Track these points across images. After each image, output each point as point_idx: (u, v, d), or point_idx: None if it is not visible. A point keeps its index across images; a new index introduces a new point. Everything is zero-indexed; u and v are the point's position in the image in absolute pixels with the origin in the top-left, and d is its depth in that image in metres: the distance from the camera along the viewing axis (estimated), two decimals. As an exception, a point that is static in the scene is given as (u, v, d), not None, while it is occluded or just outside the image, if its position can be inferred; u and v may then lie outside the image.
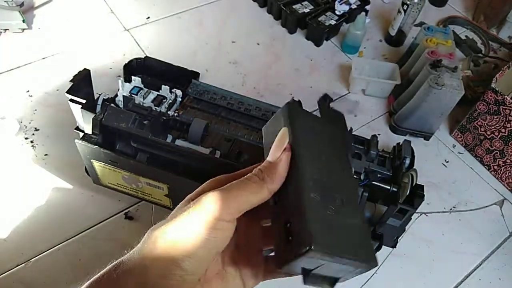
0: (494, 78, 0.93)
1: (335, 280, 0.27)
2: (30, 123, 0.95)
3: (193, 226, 0.24)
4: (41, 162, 0.88)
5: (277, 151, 0.27)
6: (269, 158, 0.27)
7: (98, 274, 0.25)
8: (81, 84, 0.70)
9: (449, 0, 1.42)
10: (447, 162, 1.02)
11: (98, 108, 0.71)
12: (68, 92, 0.67)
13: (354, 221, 0.27)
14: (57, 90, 1.01)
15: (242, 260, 0.29)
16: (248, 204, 0.26)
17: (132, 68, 0.84)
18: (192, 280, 0.25)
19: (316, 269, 0.25)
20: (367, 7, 1.28)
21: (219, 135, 0.74)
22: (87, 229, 0.80)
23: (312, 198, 0.26)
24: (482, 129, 0.98)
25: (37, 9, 1.20)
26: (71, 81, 0.68)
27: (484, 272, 0.85)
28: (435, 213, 0.92)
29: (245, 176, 0.27)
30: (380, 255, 0.75)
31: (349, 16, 1.24)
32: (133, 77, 0.79)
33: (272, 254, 0.30)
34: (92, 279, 0.25)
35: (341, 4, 1.24)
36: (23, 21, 1.10)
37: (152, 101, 0.76)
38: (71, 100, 0.68)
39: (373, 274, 0.81)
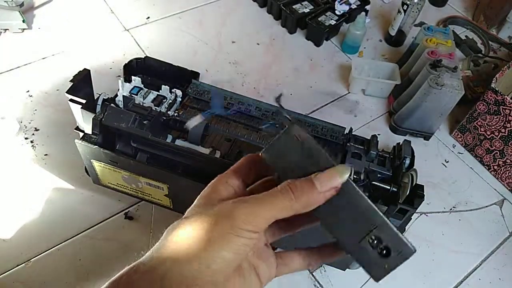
0: (494, 78, 0.93)
1: None
2: (30, 123, 0.95)
3: (222, 230, 0.24)
4: (41, 162, 0.88)
5: (331, 183, 0.27)
6: (316, 180, 0.26)
7: (115, 276, 0.24)
8: (81, 84, 0.70)
9: (449, 0, 1.42)
10: (447, 162, 1.02)
11: (98, 108, 0.71)
12: (68, 92, 0.67)
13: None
14: (57, 90, 1.02)
15: (254, 255, 0.29)
16: (274, 219, 0.26)
17: (132, 68, 0.84)
18: (218, 280, 0.25)
19: None
20: (367, 7, 1.28)
21: (219, 135, 0.74)
22: (87, 229, 0.80)
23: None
24: (482, 129, 0.98)
25: (37, 9, 1.20)
26: (71, 81, 0.68)
27: (484, 272, 0.85)
28: (435, 213, 0.92)
29: (279, 189, 0.26)
30: (380, 255, 0.75)
31: (349, 16, 1.24)
32: (133, 77, 0.79)
33: (280, 250, 0.32)
34: (109, 281, 0.24)
35: (341, 4, 1.24)
36: (23, 21, 1.10)
37: (152, 101, 0.76)
38: (71, 100, 0.68)
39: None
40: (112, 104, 0.71)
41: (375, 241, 0.28)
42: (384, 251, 0.28)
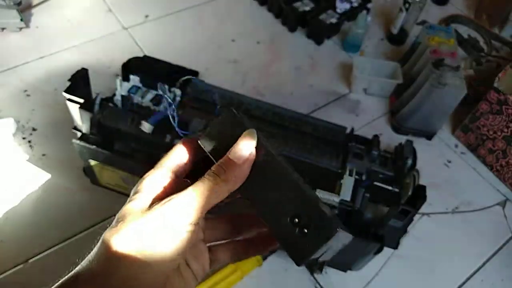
0: (497, 77, 0.92)
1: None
2: (27, 123, 0.94)
3: (161, 232, 0.25)
4: (39, 162, 0.88)
5: (243, 152, 0.27)
6: (232, 156, 0.27)
7: None
8: (79, 83, 0.69)
9: (451, -1, 1.41)
10: (450, 162, 1.01)
11: (96, 107, 0.70)
12: (66, 91, 0.66)
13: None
14: (55, 89, 1.01)
15: (188, 252, 0.29)
16: (210, 206, 0.26)
17: (130, 67, 0.83)
18: (160, 281, 0.25)
19: (322, 256, 0.27)
20: (369, 5, 1.27)
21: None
22: (85, 230, 0.80)
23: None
24: (485, 129, 0.97)
25: (35, 8, 1.19)
26: (69, 80, 0.68)
27: (486, 273, 0.84)
28: (437, 214, 0.91)
29: (207, 177, 0.27)
30: (382, 256, 0.74)
31: (351, 15, 1.23)
32: (131, 76, 0.78)
33: (217, 243, 0.31)
34: None
35: (342, 2, 1.23)
36: (21, 20, 1.09)
37: (151, 101, 0.75)
38: (69, 100, 0.67)
39: (374, 276, 0.80)
40: (110, 104, 0.70)
41: (296, 219, 0.26)
42: (304, 229, 0.25)
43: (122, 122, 0.65)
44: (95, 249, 0.26)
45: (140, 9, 1.23)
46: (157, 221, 0.25)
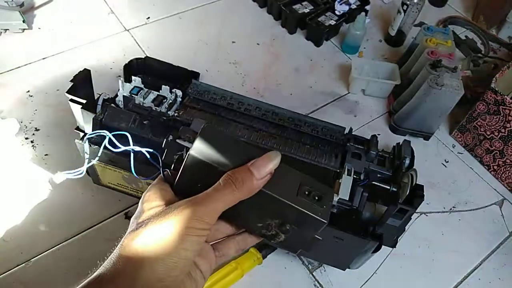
0: (494, 78, 0.93)
1: None
2: (30, 123, 0.95)
3: (180, 232, 0.27)
4: (41, 162, 0.89)
5: (265, 170, 0.29)
6: (254, 171, 0.29)
7: None
8: (81, 84, 0.70)
9: (449, 0, 1.42)
10: (447, 162, 1.02)
11: (98, 108, 0.71)
12: (68, 92, 0.67)
13: None
14: (57, 90, 1.02)
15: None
16: (221, 211, 0.28)
17: (132, 68, 0.84)
18: (180, 279, 0.27)
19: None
20: (367, 7, 1.28)
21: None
22: (87, 229, 0.80)
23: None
24: (482, 129, 0.98)
25: (37, 9, 1.20)
26: (71, 81, 0.68)
27: (483, 272, 0.85)
28: (435, 213, 0.92)
29: (222, 183, 0.28)
30: (380, 255, 0.75)
31: (349, 16, 1.24)
32: (133, 77, 0.79)
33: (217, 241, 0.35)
34: None
35: (341, 4, 1.24)
36: (23, 21, 1.10)
37: (152, 101, 0.76)
38: (71, 100, 0.68)
39: (372, 274, 0.81)
40: (112, 104, 0.71)
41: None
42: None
43: (124, 123, 0.66)
44: (116, 251, 0.28)
45: (141, 11, 1.24)
46: (174, 225, 0.27)
